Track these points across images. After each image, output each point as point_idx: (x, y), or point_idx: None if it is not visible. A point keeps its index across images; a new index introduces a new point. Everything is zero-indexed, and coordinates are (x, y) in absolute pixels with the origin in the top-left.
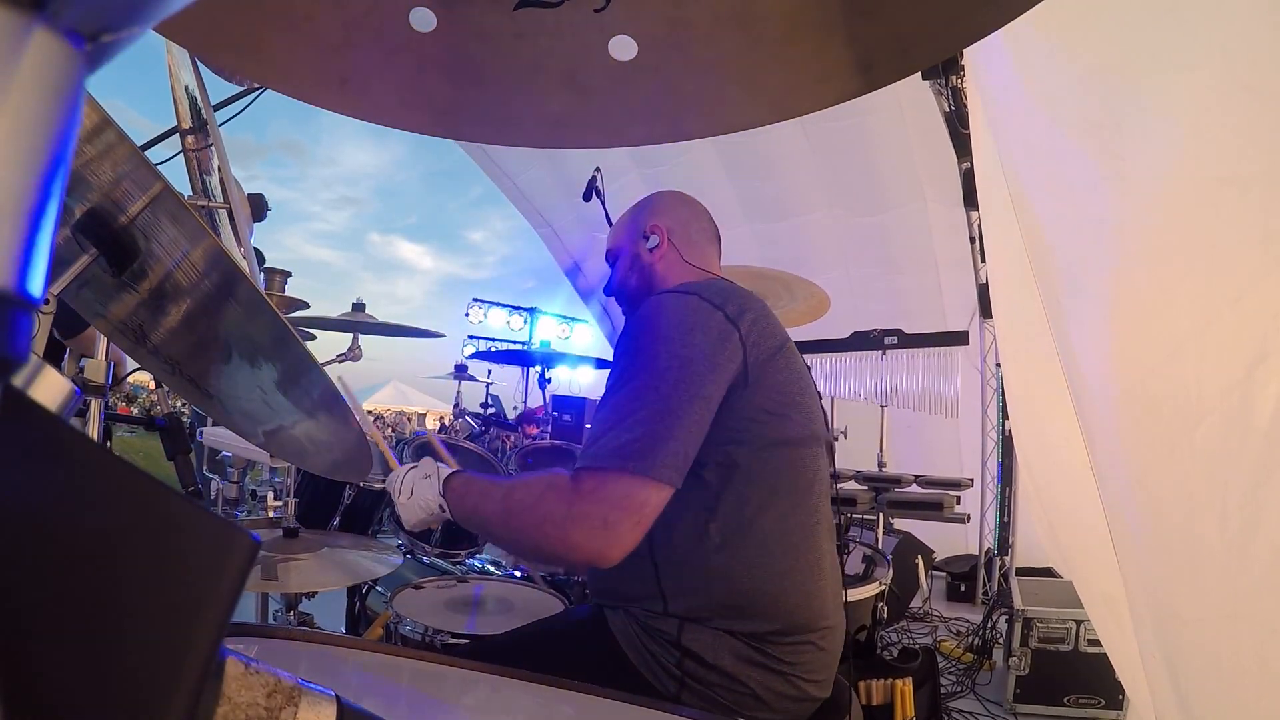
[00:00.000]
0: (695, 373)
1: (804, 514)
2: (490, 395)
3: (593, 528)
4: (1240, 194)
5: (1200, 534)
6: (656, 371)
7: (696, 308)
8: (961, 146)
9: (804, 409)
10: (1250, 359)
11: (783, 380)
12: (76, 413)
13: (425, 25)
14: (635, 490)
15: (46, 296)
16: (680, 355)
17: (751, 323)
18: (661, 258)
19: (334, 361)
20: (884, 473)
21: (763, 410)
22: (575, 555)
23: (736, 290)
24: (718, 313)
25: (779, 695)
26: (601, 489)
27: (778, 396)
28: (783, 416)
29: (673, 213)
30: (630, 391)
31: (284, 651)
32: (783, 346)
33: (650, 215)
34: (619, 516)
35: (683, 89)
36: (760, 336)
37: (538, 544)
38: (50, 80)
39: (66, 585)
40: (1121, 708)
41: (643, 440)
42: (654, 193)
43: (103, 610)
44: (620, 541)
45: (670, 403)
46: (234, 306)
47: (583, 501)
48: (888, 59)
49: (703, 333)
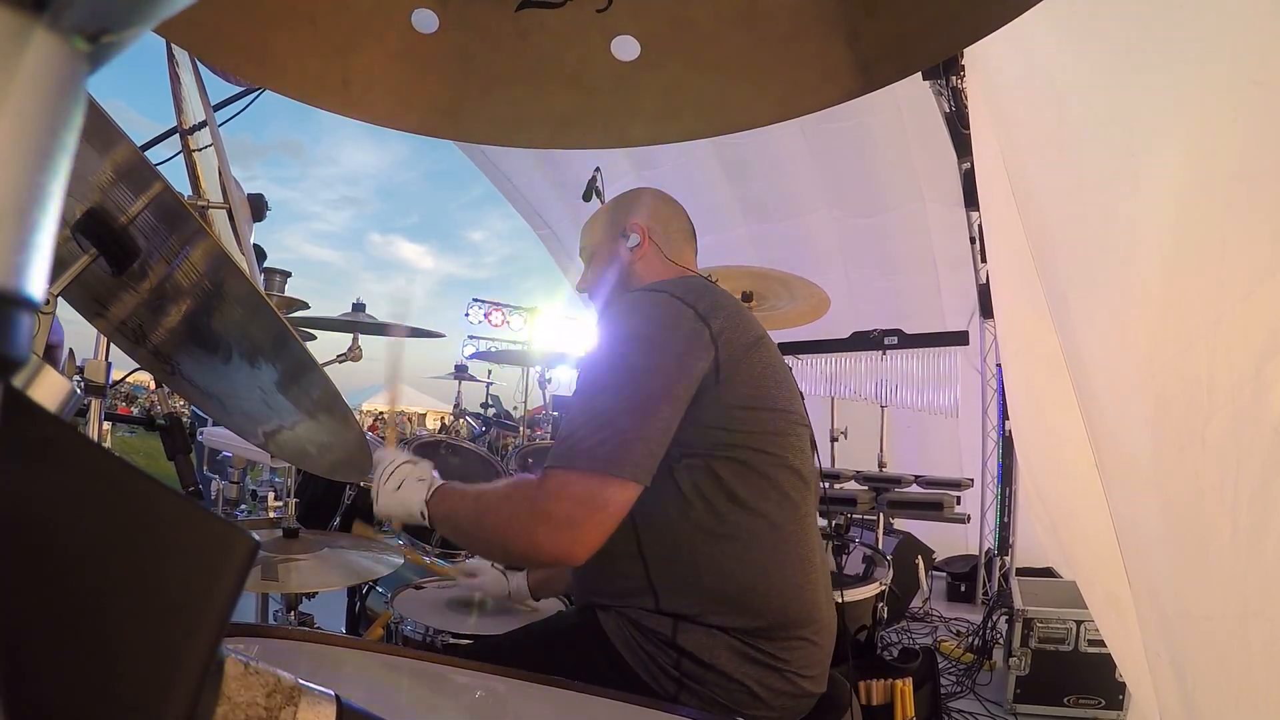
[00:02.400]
0: (664, 372)
1: (789, 508)
2: (490, 395)
3: (557, 526)
4: (1251, 189)
5: (1211, 530)
6: (626, 370)
7: (667, 305)
8: (962, 146)
9: (781, 403)
10: (1261, 354)
11: (757, 375)
12: (76, 412)
13: (427, 26)
14: (599, 489)
15: (47, 297)
16: (650, 354)
17: (724, 320)
18: (641, 257)
19: (334, 362)
20: (884, 473)
21: (739, 406)
22: (541, 554)
23: (709, 288)
24: (689, 310)
25: (776, 692)
26: (565, 488)
27: (752, 391)
28: (760, 410)
29: (653, 211)
30: (599, 390)
31: (284, 651)
32: (757, 342)
33: (630, 213)
34: (583, 515)
35: (686, 89)
36: (733, 333)
37: (505, 544)
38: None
39: (66, 585)
40: (1122, 708)
41: (609, 440)
42: (632, 190)
43: (102, 610)
44: (585, 540)
45: (638, 402)
46: (234, 306)
47: (547, 500)
48: (890, 58)
49: (673, 330)
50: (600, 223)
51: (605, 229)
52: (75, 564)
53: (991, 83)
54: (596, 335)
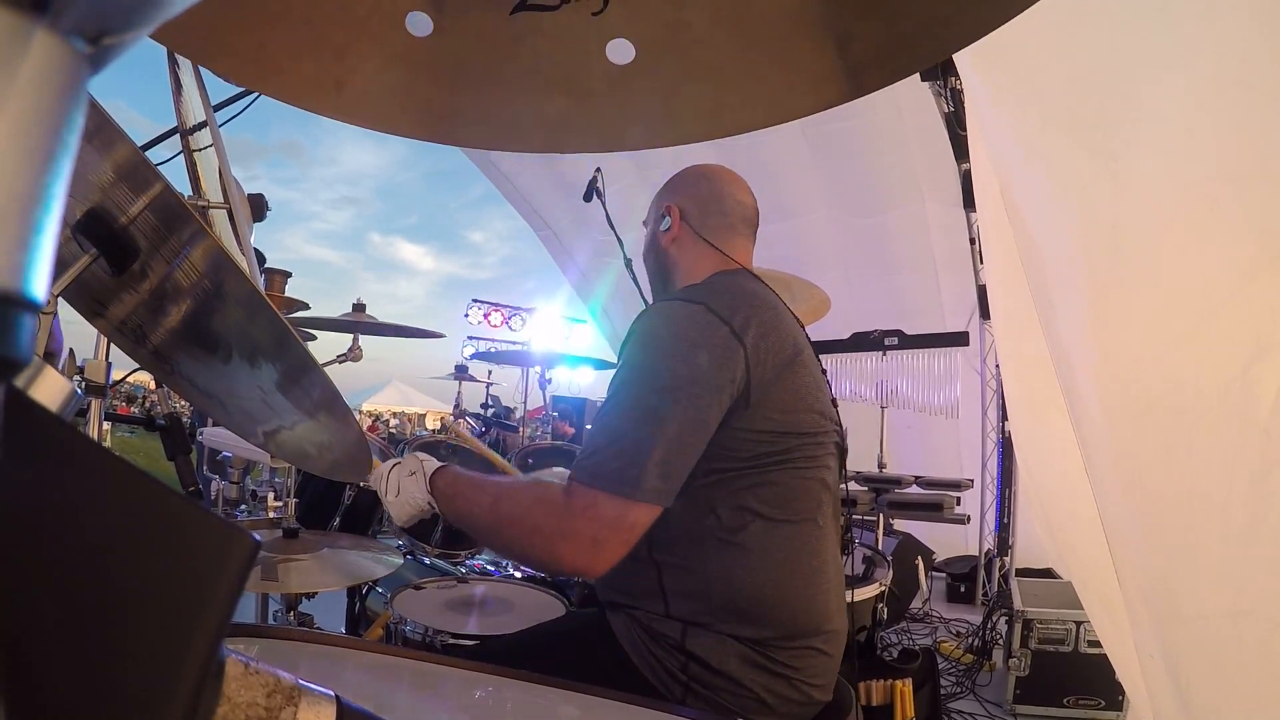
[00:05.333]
0: (694, 394)
1: (807, 522)
2: (490, 395)
3: (582, 545)
4: (1235, 191)
5: (1202, 531)
6: (657, 389)
7: (702, 321)
8: (960, 147)
9: (813, 419)
10: (1247, 355)
11: (789, 399)
12: (76, 412)
13: (422, 30)
14: (626, 513)
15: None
16: (682, 374)
17: (759, 336)
18: (673, 240)
19: (334, 362)
20: (884, 474)
21: (767, 424)
22: (562, 567)
23: (746, 295)
24: (724, 327)
25: (783, 699)
26: (593, 509)
27: (782, 416)
28: (787, 434)
29: (689, 189)
30: (629, 406)
31: (284, 651)
32: (794, 358)
33: (668, 193)
34: (608, 536)
35: (681, 92)
36: (767, 352)
37: (525, 553)
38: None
39: (67, 585)
40: (1121, 708)
41: (637, 463)
42: (692, 166)
43: (103, 610)
44: (607, 559)
45: (667, 424)
46: (234, 307)
47: (574, 520)
48: (881, 62)
49: (706, 350)
50: (656, 197)
51: (655, 205)
52: (75, 564)
53: (974, 85)
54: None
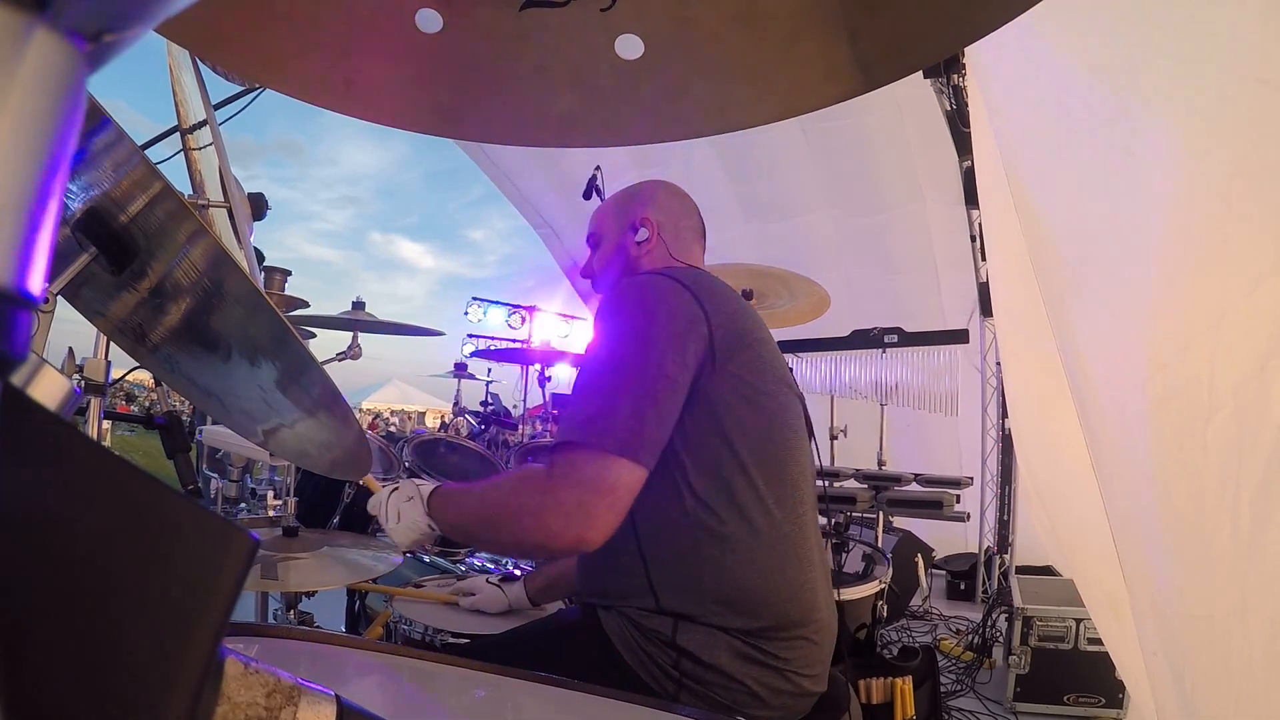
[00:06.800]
0: (661, 350)
1: (789, 508)
2: (490, 394)
3: (569, 514)
4: (1253, 187)
5: (1211, 529)
6: (625, 351)
7: (666, 287)
8: (962, 145)
9: (780, 399)
10: (1264, 353)
11: (757, 359)
12: (76, 411)
13: (431, 26)
14: (607, 470)
15: (46, 295)
16: (648, 334)
17: (719, 304)
18: (648, 252)
19: (334, 360)
20: (884, 471)
21: (736, 396)
22: (556, 542)
23: (708, 279)
24: (686, 292)
25: (776, 691)
26: (574, 472)
27: (752, 379)
28: (758, 404)
29: (664, 207)
30: (599, 371)
31: (284, 651)
32: (757, 337)
33: (641, 206)
34: (592, 498)
35: (689, 87)
36: (728, 319)
37: (518, 537)
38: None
39: (66, 585)
40: (1121, 706)
41: (611, 418)
42: (645, 182)
43: (102, 610)
44: (597, 524)
45: (638, 382)
46: (234, 305)
47: (556, 490)
48: (891, 57)
49: (668, 312)
50: (610, 211)
51: (615, 218)
52: (74, 563)
53: (989, 81)
54: (597, 318)
